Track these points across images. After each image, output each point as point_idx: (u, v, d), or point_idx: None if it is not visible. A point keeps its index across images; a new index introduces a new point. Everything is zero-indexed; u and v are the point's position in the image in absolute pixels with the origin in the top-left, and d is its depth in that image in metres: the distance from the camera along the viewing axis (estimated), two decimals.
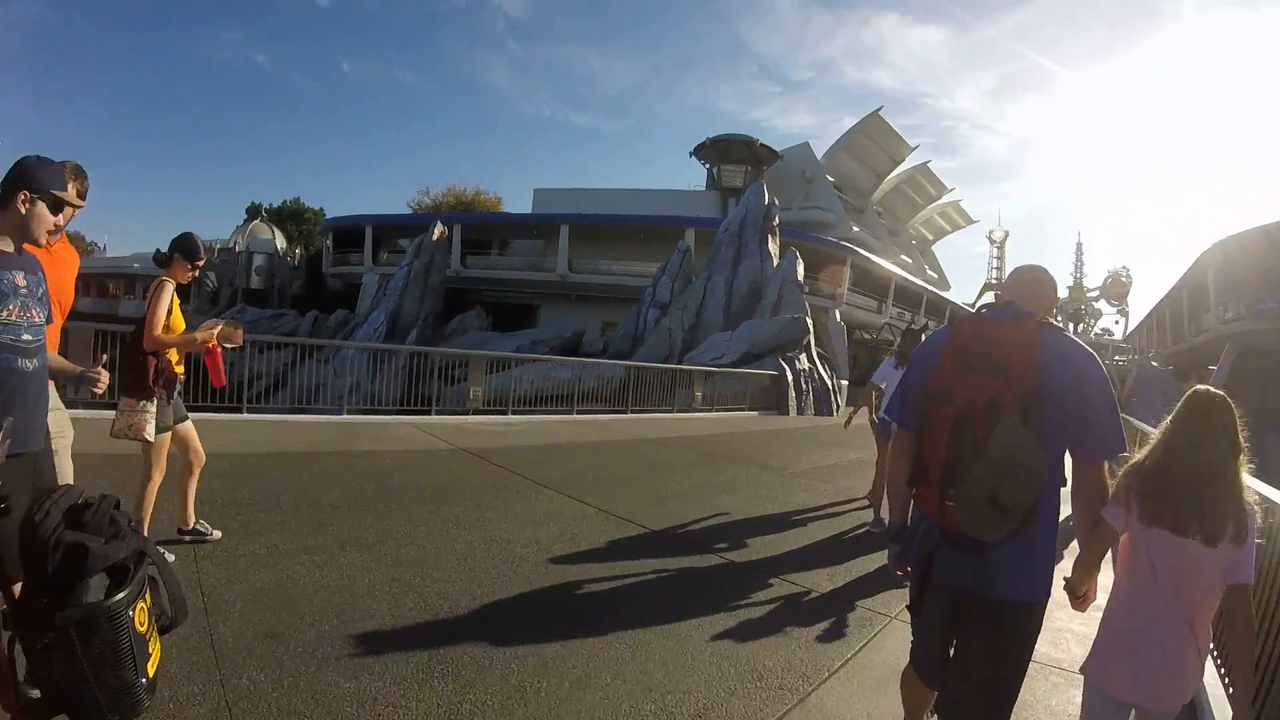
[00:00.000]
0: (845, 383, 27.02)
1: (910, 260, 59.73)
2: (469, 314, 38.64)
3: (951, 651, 2.44)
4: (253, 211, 68.87)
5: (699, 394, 19.24)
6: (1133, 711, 2.39)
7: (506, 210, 63.61)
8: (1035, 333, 2.20)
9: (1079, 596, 2.39)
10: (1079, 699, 2.50)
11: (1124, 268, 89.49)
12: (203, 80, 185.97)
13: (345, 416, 11.35)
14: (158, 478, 4.30)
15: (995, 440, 2.05)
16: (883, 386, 7.60)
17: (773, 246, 28.03)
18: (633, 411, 16.92)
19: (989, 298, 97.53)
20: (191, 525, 4.59)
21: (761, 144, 47.60)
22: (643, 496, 7.65)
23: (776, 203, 29.70)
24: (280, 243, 58.54)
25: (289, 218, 74.13)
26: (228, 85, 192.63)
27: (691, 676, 3.56)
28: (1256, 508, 2.25)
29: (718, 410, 19.52)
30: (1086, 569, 2.37)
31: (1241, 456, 2.23)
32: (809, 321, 24.27)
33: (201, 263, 4.48)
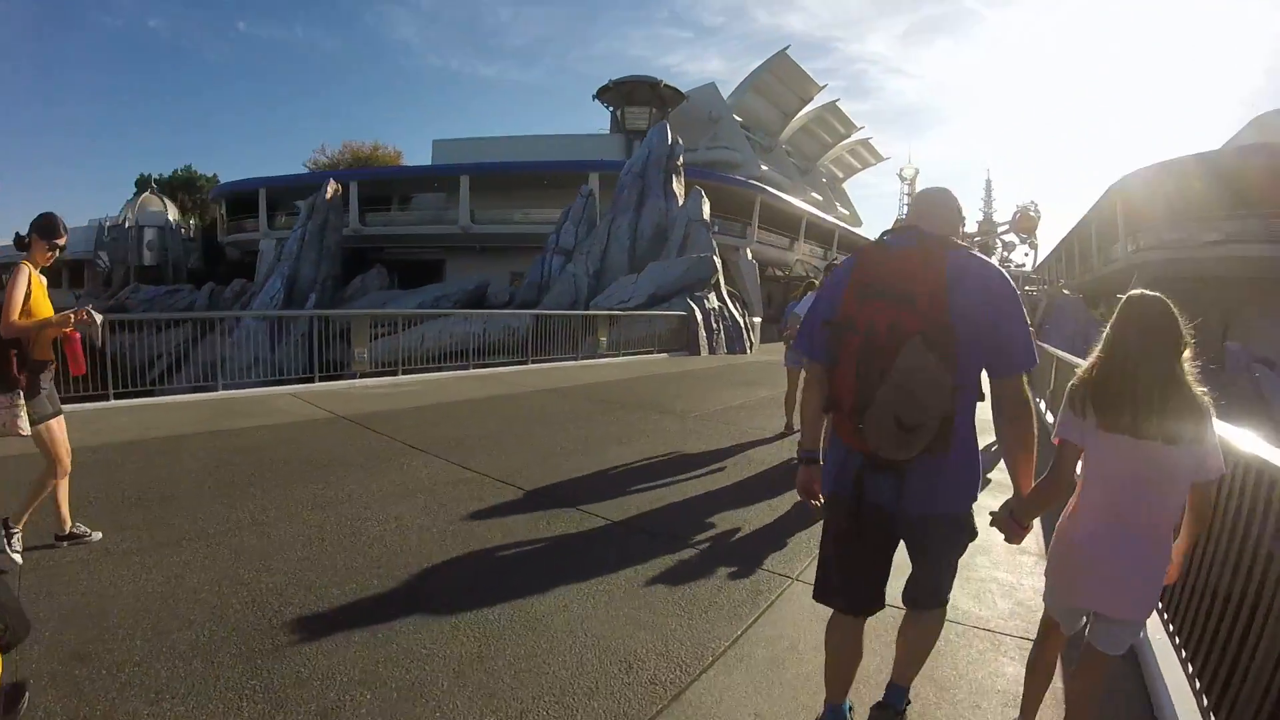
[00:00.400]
0: (758, 320, 26.59)
1: (821, 198, 59.74)
2: (370, 273, 36.79)
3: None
4: (142, 184, 64.73)
5: (603, 339, 18.47)
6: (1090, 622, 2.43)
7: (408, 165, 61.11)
8: (941, 253, 2.20)
9: (1024, 527, 2.37)
10: (1008, 669, 2.50)
11: (1032, 202, 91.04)
12: (93, 47, 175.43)
13: (221, 393, 10.24)
14: (60, 470, 4.13)
15: (899, 364, 2.07)
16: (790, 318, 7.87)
17: (677, 187, 27.14)
18: (537, 362, 16.24)
19: None
20: (68, 529, 4.24)
21: (666, 85, 46.33)
22: (527, 455, 6.96)
23: (680, 142, 28.76)
24: (173, 214, 55.11)
25: (181, 187, 70.02)
26: (119, 51, 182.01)
27: (545, 675, 3.00)
28: (1209, 400, 2.21)
29: (625, 355, 18.81)
30: (1042, 498, 2.33)
31: (1186, 352, 2.23)
32: (717, 260, 23.64)
33: (62, 242, 4.22)
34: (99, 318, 4.22)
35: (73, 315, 4.07)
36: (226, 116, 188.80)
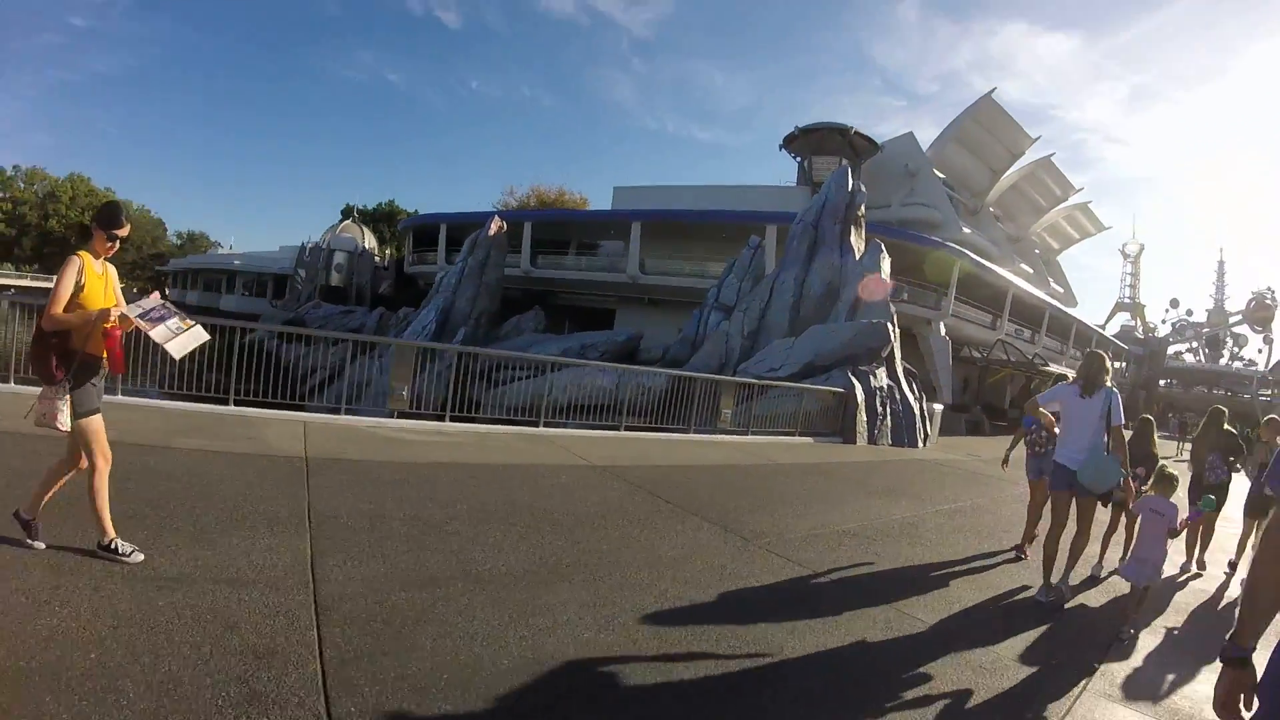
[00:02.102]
0: (939, 407, 22.35)
1: (1031, 270, 53.47)
2: (525, 315, 35.77)
3: None
4: (346, 212, 70.04)
5: (726, 413, 15.33)
6: None
7: (582, 210, 60.83)
8: None
9: None
10: None
11: (1269, 289, 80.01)
12: (340, 97, 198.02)
13: (232, 408, 9.52)
14: (102, 467, 4.00)
15: None
16: (1051, 415, 6.47)
17: (856, 241, 23.54)
18: (668, 430, 14.26)
19: (1121, 318, 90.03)
20: (108, 540, 4.01)
21: (857, 133, 42.24)
22: (428, 569, 4.53)
23: (864, 190, 25.23)
24: (370, 242, 59.99)
25: (383, 219, 75.43)
26: (363, 103, 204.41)
27: None
28: None
29: (757, 434, 15.60)
30: None
31: None
32: (892, 328, 19.80)
33: (123, 232, 3.99)
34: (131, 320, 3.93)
35: (112, 311, 3.88)
36: (445, 162, 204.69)
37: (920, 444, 19.44)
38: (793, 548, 6.65)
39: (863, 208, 24.39)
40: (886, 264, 22.29)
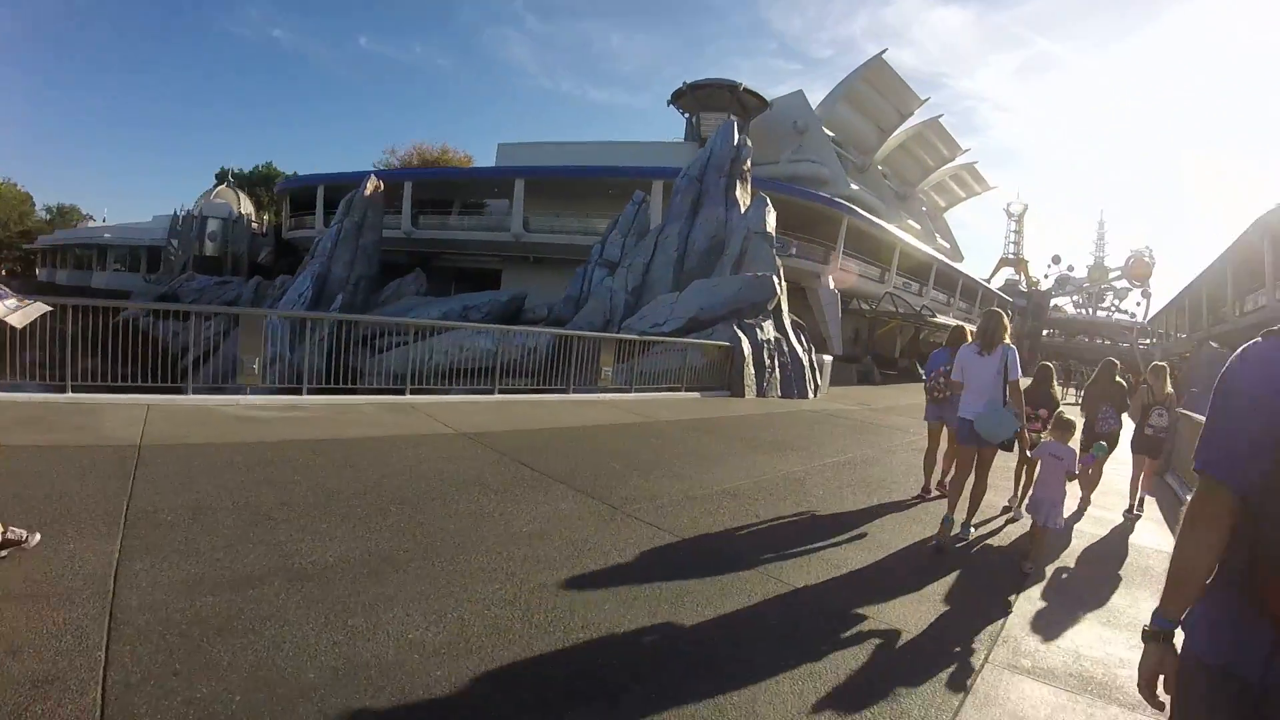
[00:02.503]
0: (829, 359, 22.07)
1: (919, 226, 54.40)
2: (406, 278, 34.04)
3: None
4: (221, 177, 65.85)
5: (607, 370, 14.51)
6: None
7: (464, 167, 58.64)
8: None
9: None
10: None
11: (1147, 248, 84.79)
12: (221, 55, 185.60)
13: (69, 395, 8.24)
14: None
15: None
16: (955, 376, 6.50)
17: (742, 195, 22.87)
18: (548, 391, 13.59)
19: (1006, 273, 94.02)
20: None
21: (746, 89, 41.55)
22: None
23: (749, 145, 24.57)
24: (246, 208, 56.38)
25: (260, 183, 70.95)
26: (245, 60, 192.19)
27: None
28: None
29: (641, 391, 14.84)
30: None
31: None
32: (778, 281, 19.30)
33: None
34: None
35: None
36: (332, 125, 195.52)
37: (811, 395, 19.12)
38: (665, 513, 5.97)
39: (748, 162, 23.74)
40: (772, 217, 21.75)
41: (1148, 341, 70.11)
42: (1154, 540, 7.56)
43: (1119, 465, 9.63)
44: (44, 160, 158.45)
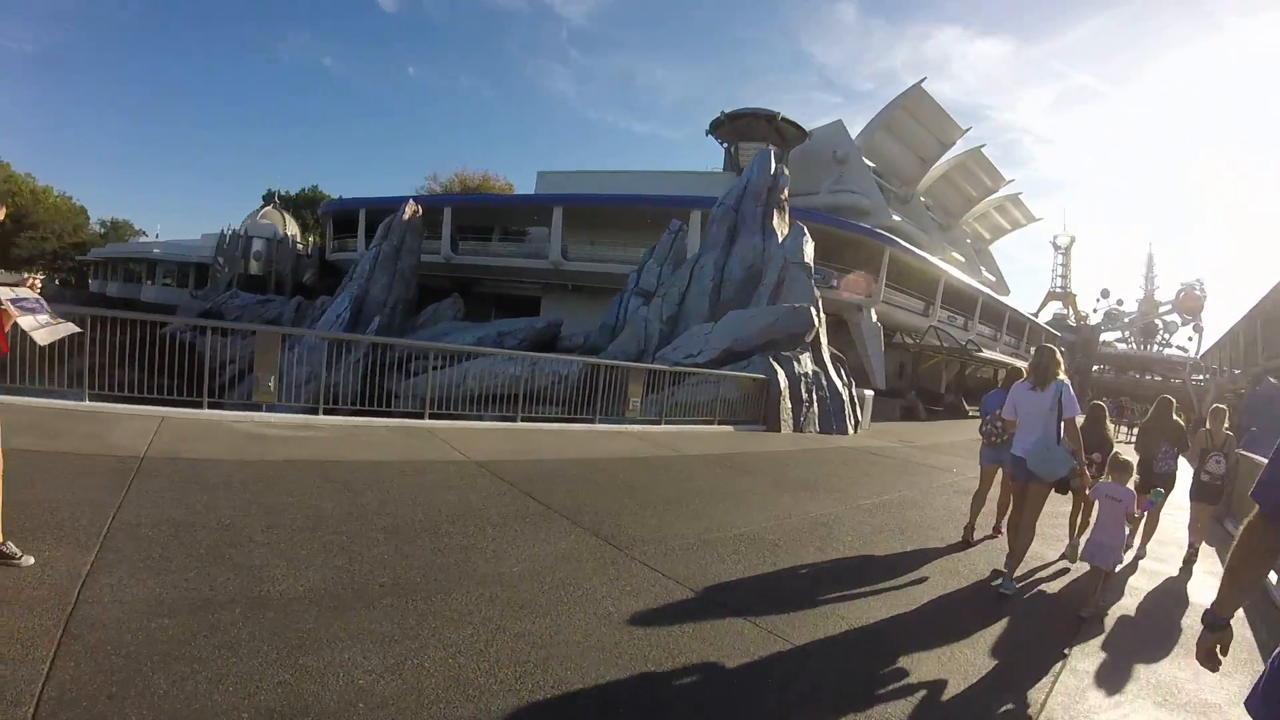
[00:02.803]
0: (870, 393, 21.44)
1: (963, 259, 53.42)
2: (443, 303, 34.02)
3: None
4: (268, 198, 67.07)
5: (634, 401, 14.10)
6: None
7: (504, 194, 58.99)
8: None
9: None
10: None
11: (1198, 280, 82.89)
12: (273, 80, 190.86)
13: (86, 404, 8.30)
14: None
15: None
16: (1007, 414, 6.43)
17: (780, 225, 22.47)
18: (573, 421, 13.17)
19: (1054, 307, 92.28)
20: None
21: (784, 118, 41.21)
22: None
23: (786, 173, 24.16)
24: (291, 229, 57.18)
25: (306, 205, 72.12)
26: (295, 86, 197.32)
27: None
28: None
29: (671, 423, 14.42)
30: None
31: None
32: (815, 312, 18.79)
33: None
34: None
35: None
36: (379, 151, 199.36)
37: (850, 431, 18.54)
38: (674, 557, 5.52)
39: (785, 191, 23.32)
40: (810, 247, 21.30)
41: (1201, 378, 68.14)
42: (1212, 591, 6.93)
43: (1175, 510, 9.22)
44: (102, 179, 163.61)
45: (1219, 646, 2.13)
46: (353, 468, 7.08)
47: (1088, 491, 6.23)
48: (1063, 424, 5.89)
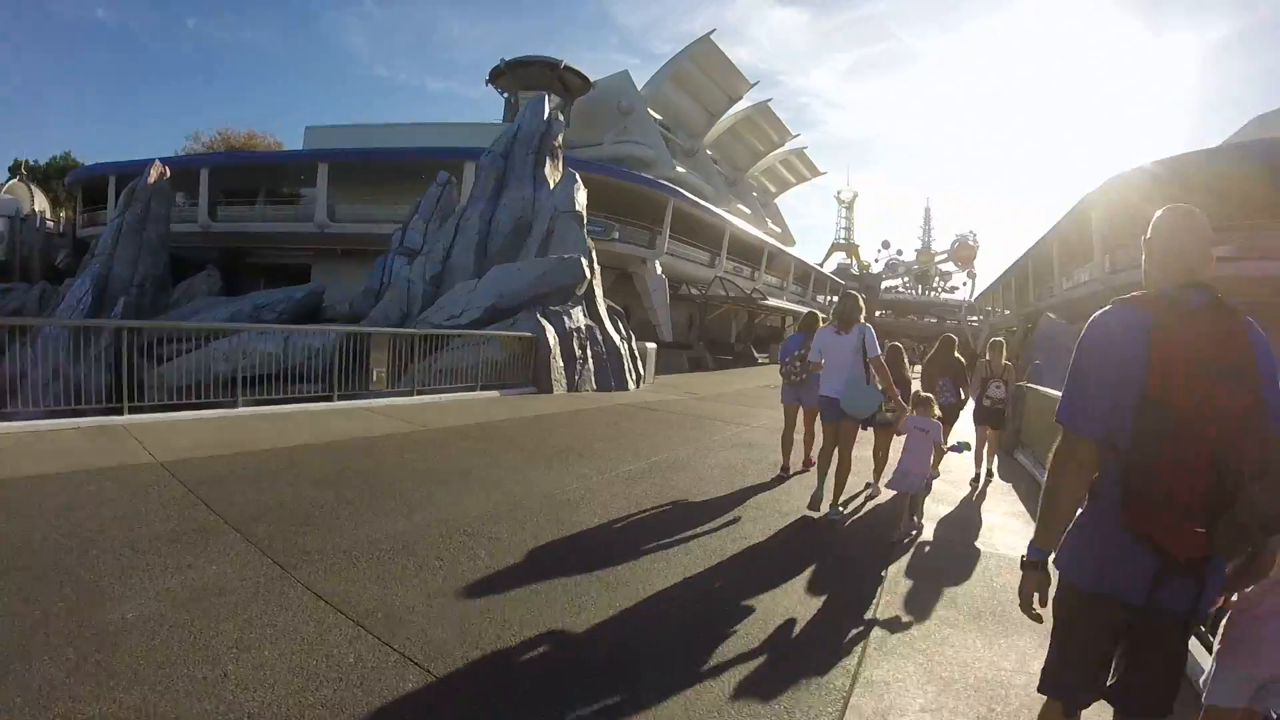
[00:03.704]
0: (653, 346, 20.65)
1: (750, 211, 54.38)
2: (197, 277, 30.37)
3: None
4: (14, 169, 57.84)
5: (379, 373, 12.49)
6: None
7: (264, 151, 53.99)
8: (1241, 323, 2.03)
9: None
10: None
11: (971, 232, 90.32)
12: (48, 36, 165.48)
13: None
14: None
15: (1269, 458, 1.89)
16: (813, 357, 6.80)
17: (551, 173, 21.06)
18: (308, 400, 11.69)
19: (838, 257, 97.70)
20: None
21: (568, 67, 39.60)
22: None
23: (560, 119, 22.78)
24: (40, 204, 50.08)
25: (57, 176, 62.05)
26: (72, 43, 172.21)
27: None
28: None
29: (428, 393, 12.93)
30: None
31: None
32: (587, 263, 17.62)
33: None
34: None
35: None
36: (155, 114, 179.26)
37: (632, 386, 17.64)
38: (354, 571, 4.33)
39: (560, 137, 21.93)
40: (582, 195, 20.02)
41: (975, 319, 73.95)
42: (1002, 507, 7.72)
43: (961, 437, 9.01)
44: None
45: (1038, 593, 2.18)
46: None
47: (899, 425, 6.58)
48: (870, 363, 6.31)
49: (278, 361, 12.31)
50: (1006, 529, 6.86)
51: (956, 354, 9.06)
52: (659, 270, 33.22)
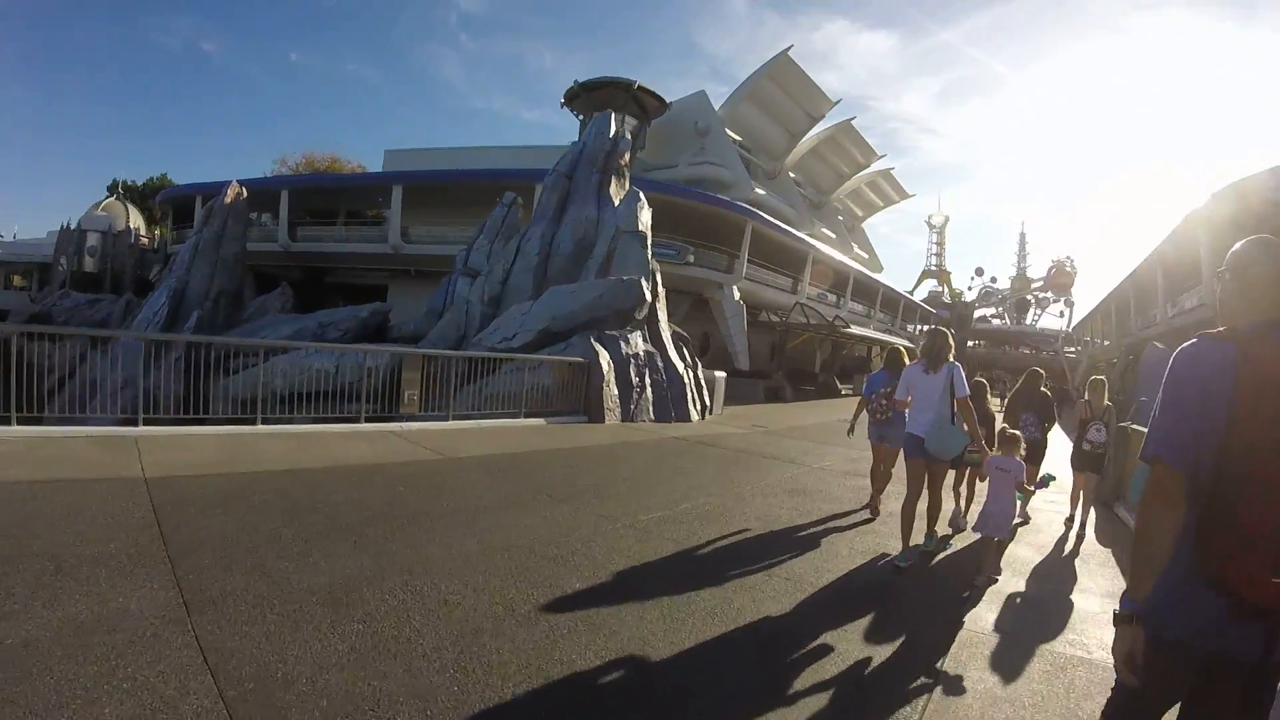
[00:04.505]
0: (721, 375, 19.51)
1: (835, 235, 52.65)
2: (270, 294, 30.69)
3: None
4: (112, 189, 61.04)
5: (411, 395, 11.76)
6: None
7: (343, 174, 55.14)
8: None
9: None
10: None
11: (1068, 258, 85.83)
12: (152, 70, 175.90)
13: None
14: None
15: None
16: (900, 394, 6.63)
17: (617, 192, 20.18)
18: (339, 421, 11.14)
19: (929, 285, 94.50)
20: None
21: (642, 88, 38.58)
22: None
23: (628, 137, 22.02)
24: (135, 221, 52.41)
25: (153, 195, 65.45)
26: (176, 75, 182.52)
27: None
28: None
29: (466, 418, 12.27)
30: None
31: None
32: (647, 286, 16.61)
33: None
34: None
35: None
36: (256, 141, 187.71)
37: (695, 417, 16.55)
38: (260, 621, 3.80)
39: (626, 155, 21.04)
40: (646, 214, 19.07)
41: (1073, 350, 70.13)
42: (1099, 583, 6.38)
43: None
44: None
45: (1137, 650, 1.95)
46: None
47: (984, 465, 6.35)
48: (956, 403, 6.14)
49: (330, 379, 12.28)
50: (1099, 619, 5.10)
51: (1043, 388, 8.87)
52: (736, 296, 31.86)
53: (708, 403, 17.84)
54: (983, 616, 5.02)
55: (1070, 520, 8.36)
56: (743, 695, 3.54)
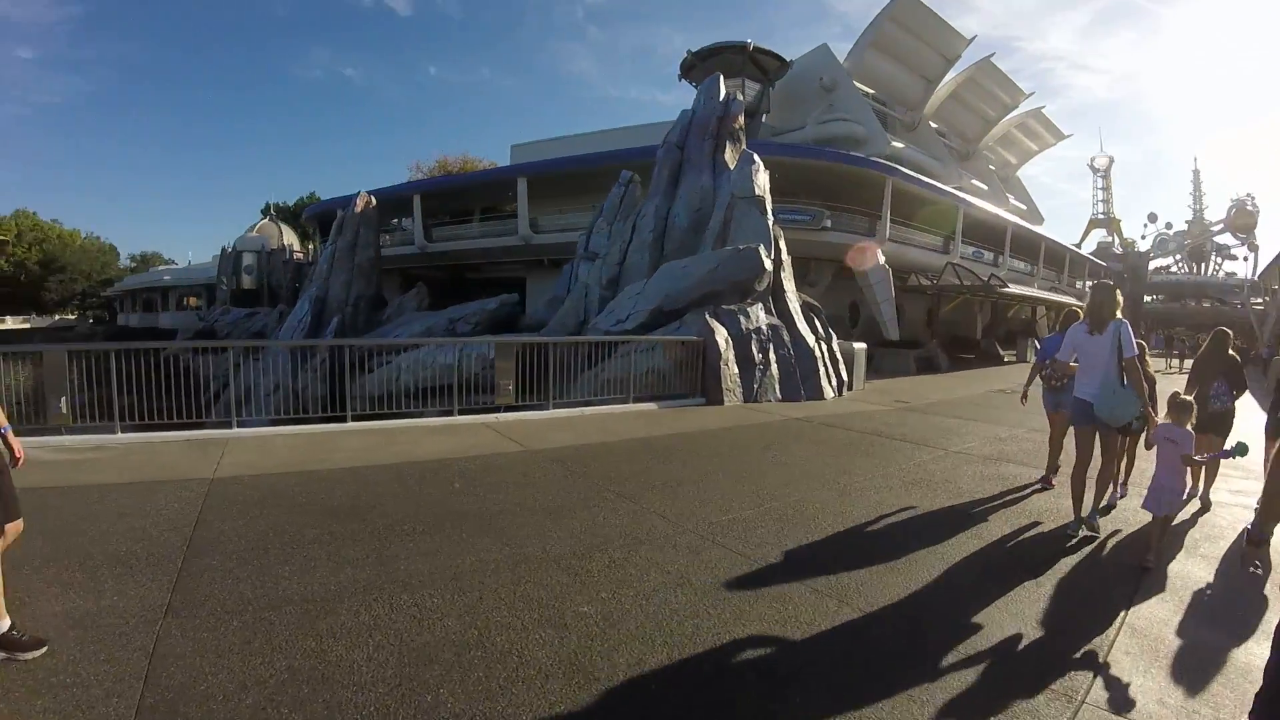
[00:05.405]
0: (861, 346, 17.92)
1: (986, 187, 48.82)
2: (407, 295, 31.70)
3: None
4: (265, 211, 66.41)
5: (506, 385, 11.17)
6: None
7: (467, 173, 56.40)
8: None
9: None
10: None
11: (1249, 195, 76.47)
12: (298, 99, 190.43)
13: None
14: None
15: None
16: (1063, 356, 6.41)
17: (731, 158, 18.91)
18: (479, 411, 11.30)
19: (1097, 235, 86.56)
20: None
21: (758, 49, 36.26)
22: None
23: (739, 98, 20.66)
24: (289, 238, 57.44)
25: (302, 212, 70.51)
26: (321, 99, 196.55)
27: None
28: None
29: (573, 406, 11.64)
30: None
31: None
32: (767, 254, 15.34)
33: None
34: None
35: None
36: (402, 154, 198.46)
37: (830, 394, 15.22)
38: (219, 630, 3.74)
39: (740, 118, 19.73)
40: (762, 177, 17.65)
41: (1260, 300, 62.62)
42: None
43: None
44: (131, 212, 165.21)
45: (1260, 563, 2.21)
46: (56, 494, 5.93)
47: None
48: (1124, 364, 5.74)
49: (452, 373, 12.09)
50: None
51: (1231, 350, 7.91)
52: (881, 260, 29.57)
53: (845, 377, 16.41)
54: (1152, 607, 4.50)
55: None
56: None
